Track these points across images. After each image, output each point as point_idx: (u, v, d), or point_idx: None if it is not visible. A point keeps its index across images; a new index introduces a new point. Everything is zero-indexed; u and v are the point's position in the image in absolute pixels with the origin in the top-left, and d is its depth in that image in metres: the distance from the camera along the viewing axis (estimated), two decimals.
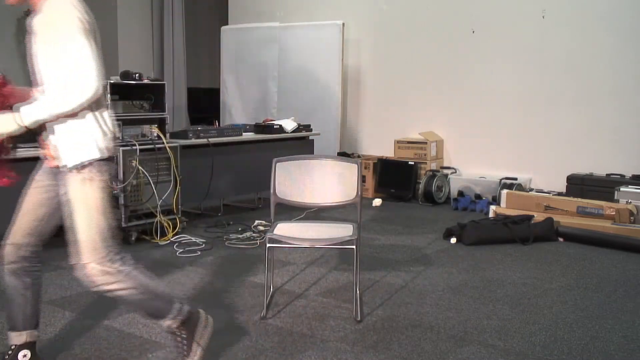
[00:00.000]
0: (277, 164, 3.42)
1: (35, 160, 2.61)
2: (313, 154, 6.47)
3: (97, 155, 2.30)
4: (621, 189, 5.30)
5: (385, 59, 7.37)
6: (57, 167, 2.34)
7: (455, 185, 6.48)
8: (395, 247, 4.81)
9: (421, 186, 6.53)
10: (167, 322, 2.46)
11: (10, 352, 2.51)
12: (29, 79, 2.54)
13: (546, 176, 6.32)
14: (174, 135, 5.32)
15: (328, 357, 2.81)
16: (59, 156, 2.31)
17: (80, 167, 2.28)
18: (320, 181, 3.41)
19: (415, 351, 2.88)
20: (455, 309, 3.44)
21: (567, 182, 5.95)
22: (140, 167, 4.74)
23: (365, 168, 6.85)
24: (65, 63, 2.21)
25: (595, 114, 6.05)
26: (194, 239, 4.87)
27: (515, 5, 6.42)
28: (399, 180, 6.76)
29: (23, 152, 4.25)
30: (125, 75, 4.87)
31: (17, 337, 2.51)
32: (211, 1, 9.65)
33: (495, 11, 6.56)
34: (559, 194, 5.88)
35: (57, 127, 2.30)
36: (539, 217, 5.18)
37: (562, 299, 3.63)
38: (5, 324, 2.59)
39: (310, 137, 6.60)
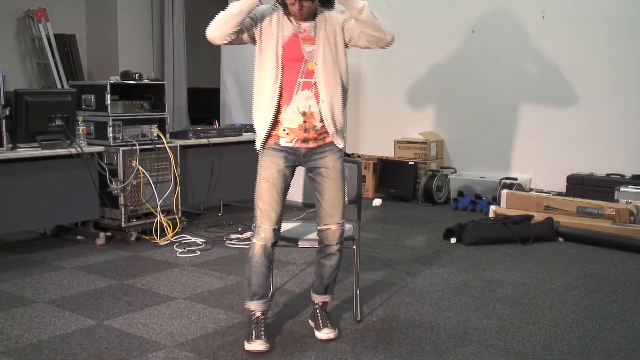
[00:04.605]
0: None
1: (35, 160, 2.63)
2: None
3: None
4: (621, 189, 5.29)
5: (385, 59, 7.36)
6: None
7: (455, 185, 6.48)
8: (395, 247, 4.81)
9: (421, 186, 6.53)
10: (332, 296, 3.12)
11: None
12: (28, 79, 2.62)
13: (546, 176, 6.32)
14: (174, 135, 5.32)
15: (328, 357, 2.81)
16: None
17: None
18: None
19: (415, 351, 2.88)
20: (455, 309, 3.44)
21: (567, 182, 5.95)
22: (140, 167, 4.74)
23: (365, 168, 6.85)
24: None
25: (595, 114, 6.04)
26: (194, 239, 4.88)
27: (515, 5, 6.42)
28: (399, 180, 6.76)
29: (23, 152, 4.26)
30: (125, 75, 4.87)
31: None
32: (211, 1, 9.64)
33: (495, 11, 6.56)
34: (559, 194, 5.88)
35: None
36: (539, 217, 5.18)
37: (562, 299, 3.63)
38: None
39: None
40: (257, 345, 2.84)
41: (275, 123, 2.83)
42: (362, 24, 2.76)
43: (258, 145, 2.90)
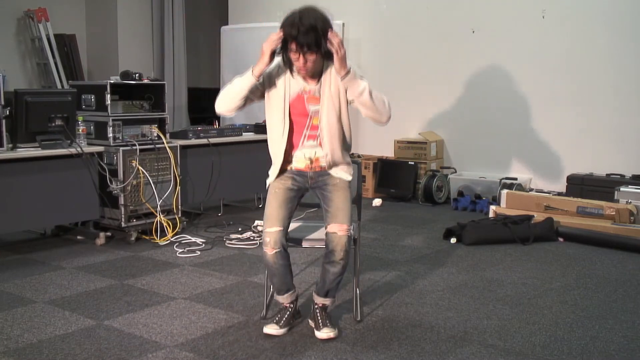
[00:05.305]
0: None
1: (34, 160, 2.63)
2: None
3: None
4: (621, 189, 5.29)
5: (385, 59, 7.37)
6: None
7: (455, 185, 6.48)
8: (395, 247, 4.81)
9: (421, 186, 6.53)
10: (333, 299, 3.13)
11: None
12: (28, 79, 2.64)
13: (546, 176, 6.32)
14: (174, 135, 5.32)
15: (328, 357, 2.81)
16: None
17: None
18: None
19: (415, 351, 2.88)
20: (455, 309, 3.44)
21: (567, 182, 5.95)
22: (140, 167, 4.74)
23: (365, 168, 6.85)
24: None
25: (595, 114, 6.04)
26: (194, 239, 4.88)
27: (515, 5, 6.42)
28: (399, 180, 6.76)
29: (23, 152, 4.26)
30: (125, 75, 4.87)
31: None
32: (211, 1, 9.65)
33: (495, 11, 6.56)
34: (559, 194, 5.88)
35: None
36: (539, 217, 5.18)
37: (562, 299, 3.63)
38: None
39: None
40: (269, 328, 3.05)
41: (284, 163, 3.03)
42: (361, 105, 2.95)
43: (268, 184, 3.08)
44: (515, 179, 6.12)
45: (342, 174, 3.05)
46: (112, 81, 4.72)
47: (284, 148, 2.98)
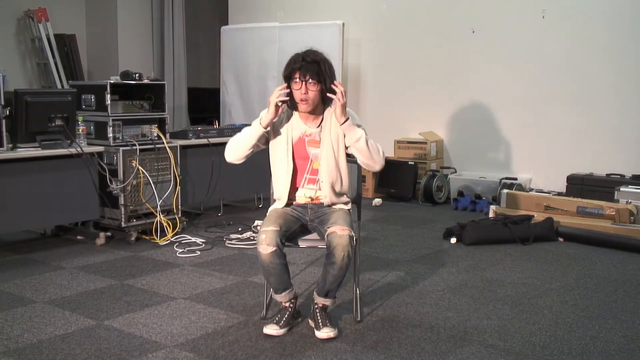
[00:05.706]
0: None
1: (35, 160, 2.63)
2: None
3: None
4: (621, 189, 5.29)
5: (385, 59, 7.37)
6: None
7: (455, 185, 6.48)
8: (395, 247, 4.81)
9: (421, 186, 6.53)
10: (334, 300, 3.12)
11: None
12: (28, 79, 2.64)
13: (546, 176, 6.32)
14: (174, 135, 5.32)
15: (328, 357, 2.81)
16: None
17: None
18: None
19: (415, 351, 2.88)
20: (455, 309, 3.44)
21: (567, 182, 5.95)
22: (140, 167, 4.74)
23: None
24: None
25: (595, 114, 6.04)
26: (194, 239, 4.88)
27: (515, 5, 6.42)
28: (399, 180, 6.76)
29: (23, 152, 4.26)
30: (125, 75, 4.87)
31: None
32: (211, 1, 9.65)
33: (495, 11, 6.56)
34: (559, 194, 5.88)
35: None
36: (539, 217, 5.18)
37: (562, 299, 3.63)
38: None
39: None
40: (269, 328, 3.06)
41: (287, 200, 3.16)
42: (356, 151, 3.09)
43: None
44: (515, 179, 6.12)
45: (341, 205, 3.19)
46: (112, 81, 4.71)
47: (288, 190, 3.14)
